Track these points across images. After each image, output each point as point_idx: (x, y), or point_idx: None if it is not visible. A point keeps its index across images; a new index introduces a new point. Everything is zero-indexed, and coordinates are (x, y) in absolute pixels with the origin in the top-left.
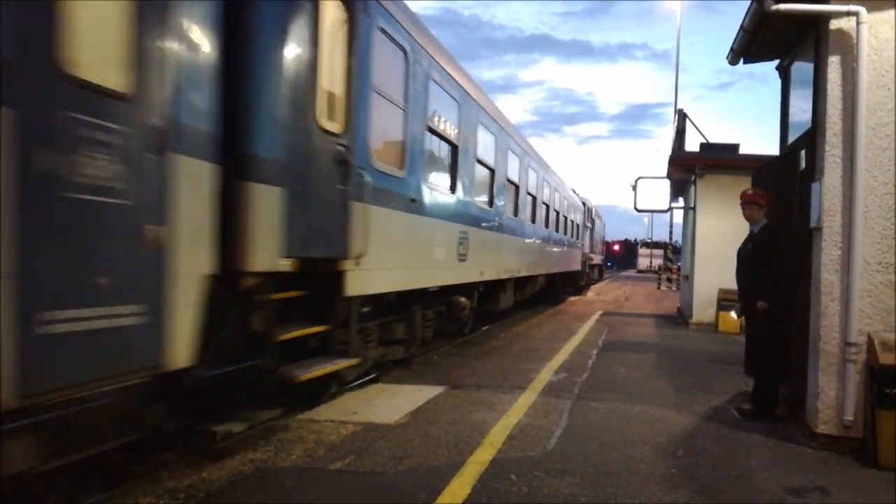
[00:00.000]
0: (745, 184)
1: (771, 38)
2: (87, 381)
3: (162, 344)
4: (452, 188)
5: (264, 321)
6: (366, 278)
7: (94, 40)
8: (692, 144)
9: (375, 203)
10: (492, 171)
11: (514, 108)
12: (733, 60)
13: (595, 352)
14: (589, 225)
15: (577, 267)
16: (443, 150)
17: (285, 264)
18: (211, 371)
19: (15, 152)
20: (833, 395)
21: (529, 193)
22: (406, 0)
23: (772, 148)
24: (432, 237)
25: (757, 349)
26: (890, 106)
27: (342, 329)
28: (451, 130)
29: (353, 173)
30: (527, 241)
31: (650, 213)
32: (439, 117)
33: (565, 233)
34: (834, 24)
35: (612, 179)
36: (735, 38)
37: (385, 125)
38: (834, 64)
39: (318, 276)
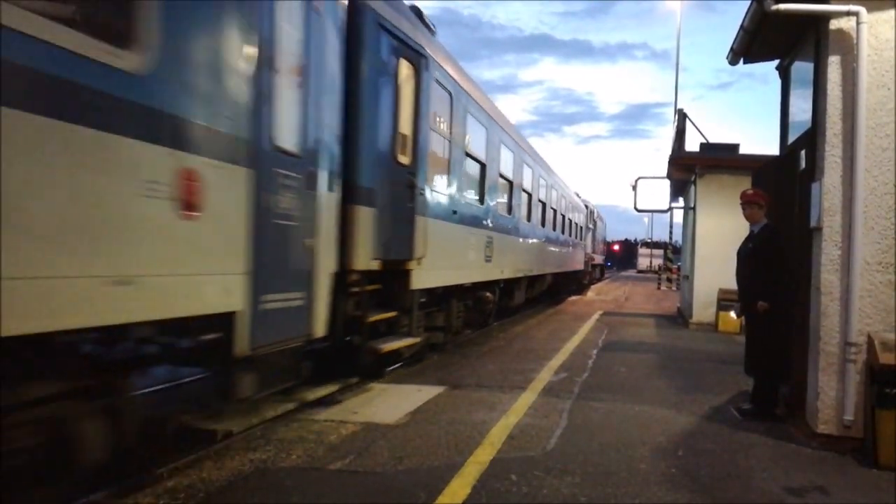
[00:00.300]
0: (745, 184)
1: (771, 38)
2: (277, 341)
3: (310, 319)
4: (481, 200)
5: (359, 307)
6: (424, 275)
7: (286, 124)
8: (692, 144)
9: (431, 216)
10: (510, 182)
11: (513, 108)
12: (733, 60)
13: (595, 352)
14: (591, 226)
15: (581, 266)
16: (475, 169)
17: (375, 264)
18: (324, 343)
19: (251, 195)
20: (833, 395)
21: (540, 200)
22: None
23: (772, 148)
24: (467, 242)
25: (757, 349)
26: (890, 106)
27: (406, 315)
28: (480, 152)
29: (417, 194)
30: (537, 243)
31: (650, 213)
32: (473, 142)
33: (570, 235)
34: (834, 24)
35: (612, 179)
36: (735, 38)
37: (437, 154)
38: (834, 64)
39: (391, 273)
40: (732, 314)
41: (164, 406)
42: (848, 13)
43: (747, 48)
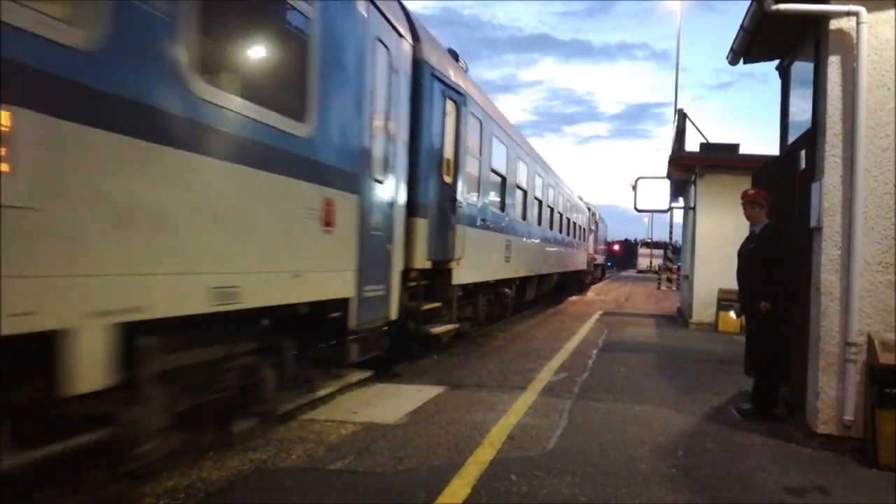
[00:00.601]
0: (745, 184)
1: (771, 38)
2: (371, 320)
3: (388, 306)
4: (502, 208)
5: (414, 298)
6: (461, 273)
7: (378, 159)
8: (692, 144)
9: (466, 224)
10: (524, 191)
11: (514, 107)
12: (733, 60)
13: (595, 352)
14: (593, 228)
15: (584, 266)
16: (497, 181)
17: (427, 264)
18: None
19: (359, 214)
20: (833, 395)
21: (548, 206)
22: (406, 1)
23: (772, 148)
24: (492, 245)
25: (757, 349)
26: (890, 106)
27: (447, 306)
28: (501, 167)
29: (457, 207)
30: (546, 245)
31: (650, 213)
32: (496, 159)
33: (574, 237)
34: (834, 24)
35: (611, 179)
36: (735, 38)
37: (470, 171)
38: (834, 64)
39: (436, 271)
40: (732, 314)
41: (304, 364)
42: (848, 13)
43: (747, 48)
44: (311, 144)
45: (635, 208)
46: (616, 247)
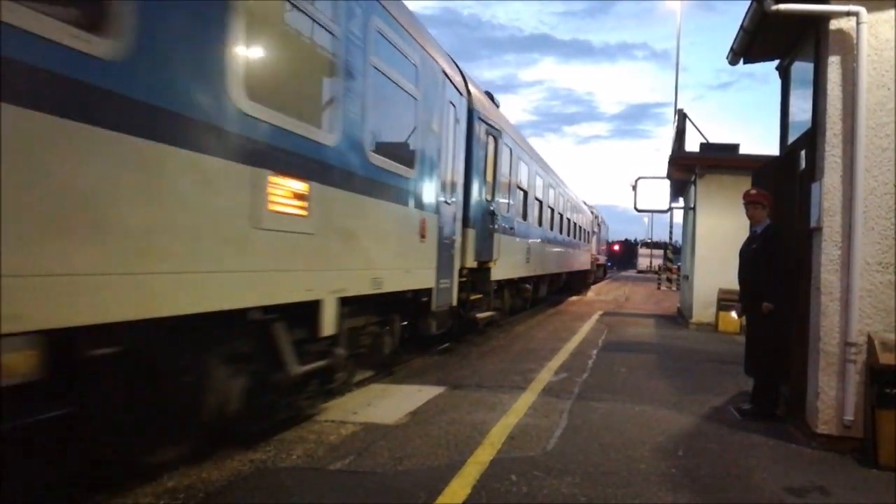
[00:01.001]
0: (746, 184)
1: (771, 38)
2: (443, 305)
3: (451, 294)
4: (524, 217)
5: (464, 290)
6: (497, 271)
7: (448, 188)
8: (692, 144)
9: (500, 232)
10: (540, 201)
11: (514, 107)
12: (733, 60)
13: (595, 352)
14: (596, 231)
15: (588, 266)
16: (521, 196)
17: (474, 264)
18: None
19: (437, 228)
20: (833, 395)
21: (559, 213)
22: (406, 1)
23: (772, 148)
24: (516, 249)
25: (757, 349)
26: (890, 106)
27: (486, 297)
28: (524, 183)
29: (494, 218)
30: (557, 248)
31: (650, 213)
32: (520, 177)
33: (580, 239)
34: (834, 25)
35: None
36: (735, 39)
37: (502, 189)
38: (834, 64)
39: (479, 270)
40: (734, 314)
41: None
42: (848, 13)
43: (747, 48)
44: (416, 183)
45: (635, 208)
46: (616, 247)
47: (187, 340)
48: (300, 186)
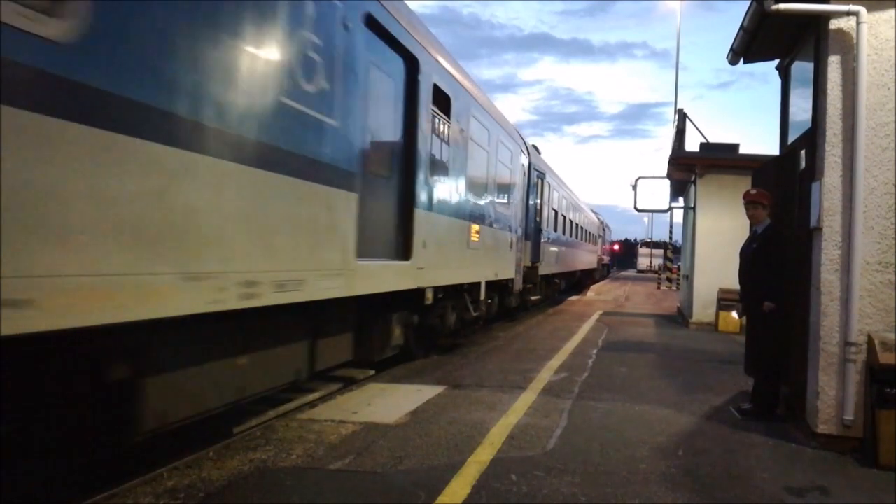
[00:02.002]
0: (746, 184)
1: (771, 37)
2: (518, 289)
3: (519, 283)
4: (555, 229)
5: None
6: (542, 269)
7: (521, 219)
8: (692, 144)
9: (544, 241)
10: (564, 216)
11: (513, 107)
12: (733, 60)
13: (595, 351)
14: (601, 234)
15: (596, 266)
16: (553, 214)
17: (529, 263)
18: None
19: (517, 245)
20: (833, 395)
21: (576, 224)
22: (407, 1)
23: (772, 147)
24: (551, 253)
25: (757, 349)
26: (890, 106)
27: (535, 287)
28: (556, 204)
29: (540, 233)
30: (574, 251)
31: (650, 213)
32: (554, 202)
33: (589, 242)
34: (834, 24)
35: (611, 179)
36: (735, 38)
37: (544, 212)
38: (834, 64)
39: (530, 268)
40: (734, 314)
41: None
42: (848, 13)
43: (747, 48)
44: (511, 217)
45: (635, 208)
46: (616, 246)
47: (449, 294)
48: (479, 229)
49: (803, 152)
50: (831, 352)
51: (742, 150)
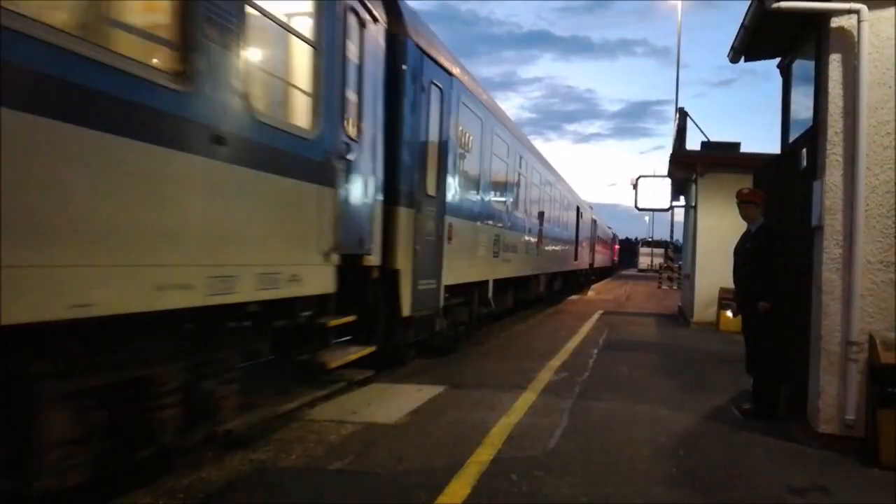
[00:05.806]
0: (747, 183)
1: (772, 36)
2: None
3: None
4: (580, 240)
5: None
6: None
7: (580, 240)
8: (693, 142)
9: (582, 248)
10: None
11: (513, 105)
12: (734, 59)
13: (596, 351)
14: (611, 238)
15: (609, 264)
16: (572, 220)
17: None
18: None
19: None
20: (834, 395)
21: (598, 235)
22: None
23: (773, 146)
24: (581, 255)
25: (756, 348)
26: (891, 104)
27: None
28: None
29: (577, 244)
30: (597, 251)
31: (651, 212)
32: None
33: (604, 247)
34: (835, 22)
35: (612, 177)
36: (736, 36)
37: (583, 231)
38: (835, 62)
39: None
40: (729, 313)
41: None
42: (849, 11)
43: (748, 46)
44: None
45: (636, 207)
46: (617, 246)
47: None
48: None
49: (805, 151)
50: (833, 351)
51: (743, 149)
